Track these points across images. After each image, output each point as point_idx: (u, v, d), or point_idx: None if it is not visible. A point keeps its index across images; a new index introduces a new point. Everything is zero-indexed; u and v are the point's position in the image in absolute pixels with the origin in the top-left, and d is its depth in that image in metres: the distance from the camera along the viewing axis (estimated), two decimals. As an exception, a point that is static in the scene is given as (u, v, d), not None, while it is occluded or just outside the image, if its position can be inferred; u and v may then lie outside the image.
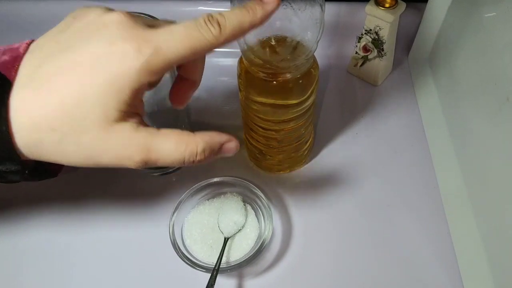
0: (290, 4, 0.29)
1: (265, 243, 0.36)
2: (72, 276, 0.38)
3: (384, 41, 0.48)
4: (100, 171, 0.46)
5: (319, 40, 0.32)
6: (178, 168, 0.45)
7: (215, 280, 0.34)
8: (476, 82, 0.40)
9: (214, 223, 0.38)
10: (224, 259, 0.36)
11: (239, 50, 0.34)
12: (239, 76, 0.36)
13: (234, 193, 0.40)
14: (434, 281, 0.37)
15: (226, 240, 0.37)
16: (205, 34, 0.23)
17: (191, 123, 0.50)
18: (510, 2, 0.35)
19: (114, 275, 0.38)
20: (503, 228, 0.34)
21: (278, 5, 0.25)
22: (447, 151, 0.45)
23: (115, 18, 0.22)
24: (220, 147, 0.26)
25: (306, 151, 0.44)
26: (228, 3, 0.31)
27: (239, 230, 0.38)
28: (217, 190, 0.41)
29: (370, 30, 0.48)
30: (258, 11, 0.24)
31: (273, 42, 0.32)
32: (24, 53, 0.23)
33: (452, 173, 0.43)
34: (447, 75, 0.48)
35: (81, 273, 0.39)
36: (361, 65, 0.52)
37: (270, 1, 0.24)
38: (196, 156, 0.24)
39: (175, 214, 0.38)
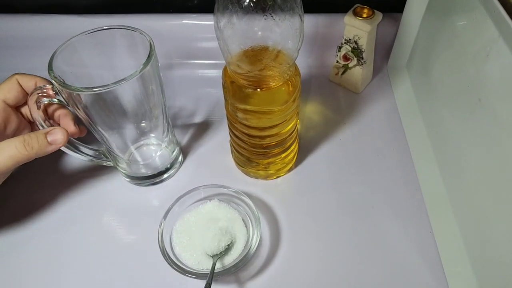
0: (270, 14, 0.30)
1: (253, 249, 0.37)
2: (61, 284, 0.38)
3: (363, 49, 0.50)
4: (90, 182, 0.46)
5: (299, 48, 0.34)
6: (166, 178, 0.46)
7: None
8: (451, 85, 0.42)
9: (202, 230, 0.39)
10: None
11: (223, 61, 0.35)
12: (224, 86, 0.37)
13: (221, 200, 0.41)
14: (419, 280, 0.38)
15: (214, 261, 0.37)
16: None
17: (178, 133, 0.50)
18: (477, 12, 0.37)
19: (104, 284, 0.38)
20: (482, 224, 0.36)
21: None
22: (427, 153, 0.47)
23: None
24: (45, 138, 0.34)
25: (292, 158, 0.45)
26: (211, 16, 0.32)
27: (226, 247, 0.38)
28: (204, 198, 0.41)
29: (350, 39, 0.50)
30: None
31: (255, 51, 0.33)
32: None
33: (433, 173, 0.45)
34: (424, 80, 0.50)
35: (70, 282, 0.38)
36: (342, 74, 0.54)
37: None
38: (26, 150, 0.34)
39: (163, 223, 0.38)
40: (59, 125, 0.40)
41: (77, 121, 0.40)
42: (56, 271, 0.39)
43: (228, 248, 0.38)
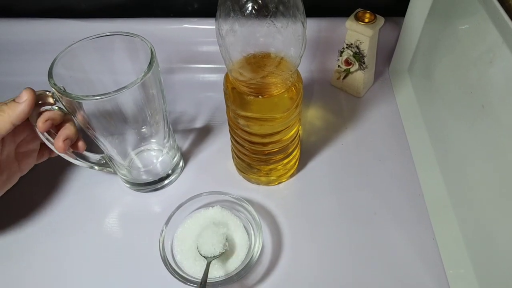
0: (272, 22, 0.30)
1: (256, 257, 0.36)
2: (62, 297, 0.38)
3: (365, 54, 0.49)
4: (90, 188, 0.46)
5: (302, 55, 0.33)
6: (167, 184, 0.46)
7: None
8: (453, 91, 0.42)
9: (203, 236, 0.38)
10: (215, 273, 0.36)
11: (225, 67, 0.35)
12: (226, 92, 0.37)
13: (223, 207, 0.40)
14: (422, 286, 0.38)
15: (208, 262, 0.36)
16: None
17: (179, 138, 0.50)
18: (480, 17, 0.37)
19: (105, 294, 0.38)
20: (484, 230, 0.35)
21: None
22: (430, 158, 0.46)
23: None
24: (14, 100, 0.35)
25: (293, 163, 0.45)
26: (212, 20, 0.32)
27: (221, 253, 0.37)
28: (206, 204, 0.41)
29: (351, 44, 0.50)
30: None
31: (257, 58, 0.33)
32: None
33: (435, 179, 0.44)
34: (426, 84, 0.50)
35: (70, 294, 0.38)
36: (344, 78, 0.54)
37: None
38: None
39: (165, 230, 0.38)
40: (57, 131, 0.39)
41: (79, 134, 0.40)
42: (56, 278, 0.39)
43: (224, 254, 0.37)
